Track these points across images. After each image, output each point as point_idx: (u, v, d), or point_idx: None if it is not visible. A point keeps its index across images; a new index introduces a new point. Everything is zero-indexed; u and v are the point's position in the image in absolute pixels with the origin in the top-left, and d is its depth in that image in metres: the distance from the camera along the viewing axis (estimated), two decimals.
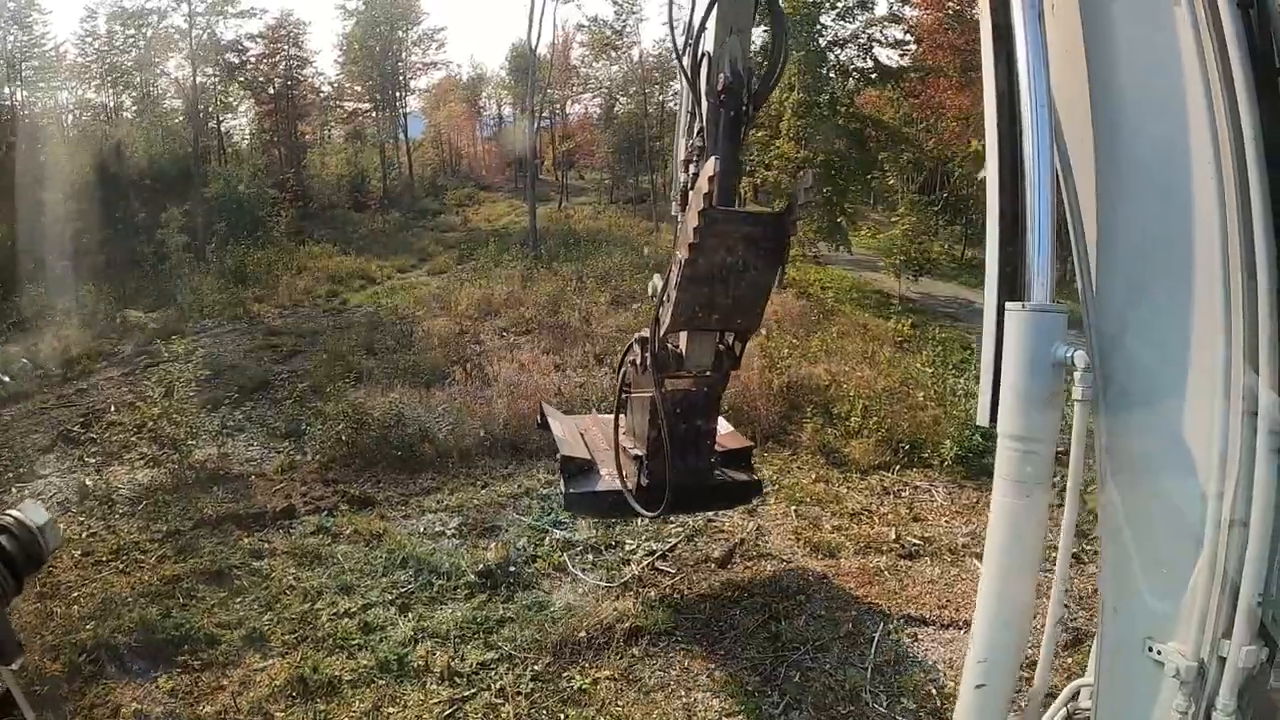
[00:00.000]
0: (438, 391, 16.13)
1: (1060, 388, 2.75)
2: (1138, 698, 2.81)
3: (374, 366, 17.94)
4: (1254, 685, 2.59)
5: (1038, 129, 2.79)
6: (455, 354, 18.73)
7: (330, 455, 13.32)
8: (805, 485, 12.41)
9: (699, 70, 5.88)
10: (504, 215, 43.44)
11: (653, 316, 6.41)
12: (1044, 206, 2.79)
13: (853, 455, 13.43)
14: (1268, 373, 2.51)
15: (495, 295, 24.02)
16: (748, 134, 6.24)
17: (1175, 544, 2.70)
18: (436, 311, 23.33)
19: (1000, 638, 2.93)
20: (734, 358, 6.60)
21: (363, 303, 26.20)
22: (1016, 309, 2.78)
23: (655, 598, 9.35)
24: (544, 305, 22.86)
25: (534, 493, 12.10)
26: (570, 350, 18.62)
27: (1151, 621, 2.75)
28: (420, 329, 21.25)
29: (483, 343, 20.64)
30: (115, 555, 10.66)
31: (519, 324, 21.82)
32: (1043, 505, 2.81)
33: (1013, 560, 2.89)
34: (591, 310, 22.11)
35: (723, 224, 5.42)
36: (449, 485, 12.53)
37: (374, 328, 21.81)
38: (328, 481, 12.70)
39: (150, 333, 22.02)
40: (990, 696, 2.94)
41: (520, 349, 19.46)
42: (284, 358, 20.57)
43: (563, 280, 25.41)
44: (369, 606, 9.23)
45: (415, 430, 13.55)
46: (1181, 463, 2.69)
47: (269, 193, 38.62)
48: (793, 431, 14.40)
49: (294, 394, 16.03)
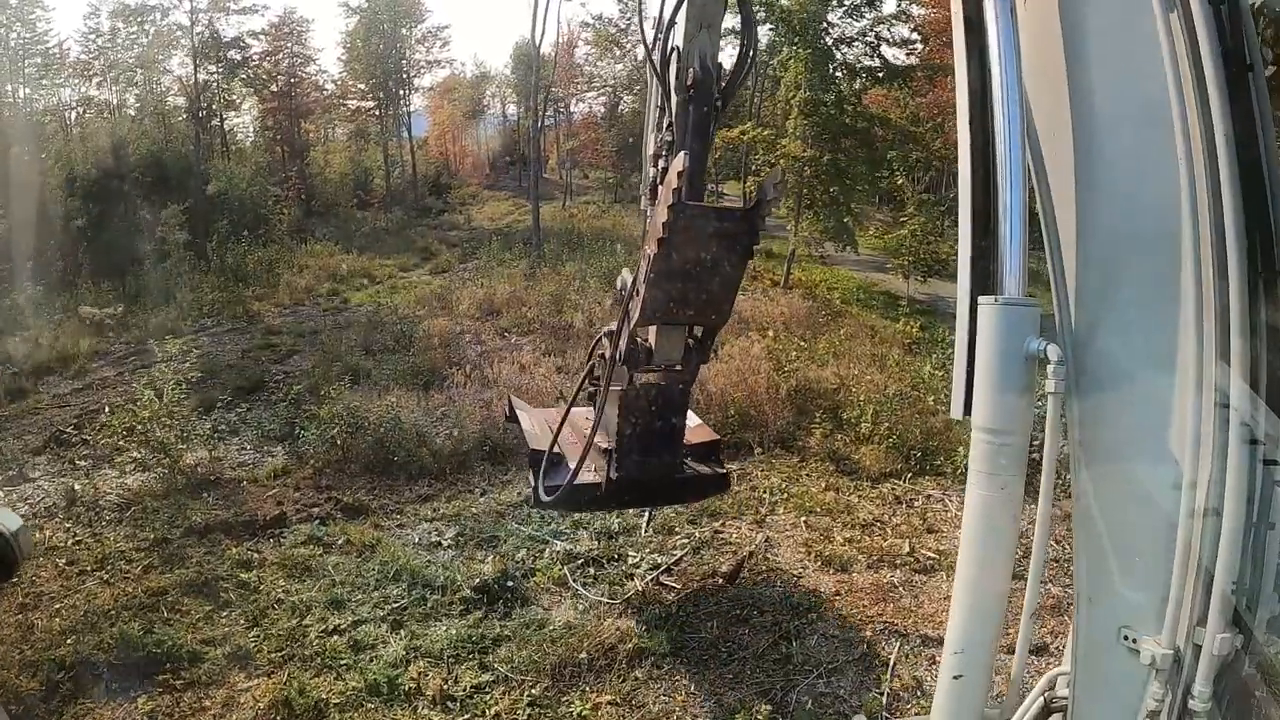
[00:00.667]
0: (436, 394, 15.62)
1: (1033, 380, 2.77)
2: (1114, 687, 2.83)
3: (372, 367, 17.47)
4: (1229, 673, 2.62)
5: (1009, 123, 2.80)
6: (455, 355, 18.25)
7: (324, 460, 12.83)
8: (815, 494, 11.92)
9: (669, 65, 5.84)
10: (508, 214, 42.94)
11: (622, 311, 6.32)
12: (1016, 200, 2.80)
13: (863, 462, 12.93)
14: (1239, 365, 2.53)
15: (497, 295, 23.50)
16: (716, 129, 6.18)
17: (1149, 534, 2.72)
18: (437, 311, 22.83)
19: (976, 629, 2.95)
20: (703, 351, 6.54)
21: (363, 302, 25.72)
22: (989, 302, 2.80)
23: (659, 615, 8.84)
24: (546, 305, 22.33)
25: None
26: (573, 352, 18.10)
27: (1126, 611, 2.77)
28: (420, 329, 20.72)
29: (484, 343, 20.15)
30: (100, 564, 10.17)
31: (521, 324, 21.33)
32: (1017, 497, 2.82)
33: (987, 552, 2.90)
34: (595, 310, 21.61)
35: (692, 219, 5.36)
36: (446, 492, 12.05)
37: (374, 327, 21.30)
38: (321, 488, 12.21)
39: (148, 331, 21.55)
40: (967, 687, 2.96)
41: (521, 350, 18.98)
42: (282, 357, 20.09)
43: (566, 280, 24.89)
44: (359, 623, 8.75)
45: (412, 435, 13.04)
46: (1154, 453, 2.71)
47: (271, 191, 38.22)
48: (801, 437, 13.90)
49: (289, 395, 15.54)
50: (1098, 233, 2.87)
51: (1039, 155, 3.00)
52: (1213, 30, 2.58)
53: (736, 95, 6.91)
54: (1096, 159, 2.86)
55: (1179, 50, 2.64)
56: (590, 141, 50.28)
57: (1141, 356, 2.77)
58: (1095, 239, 2.87)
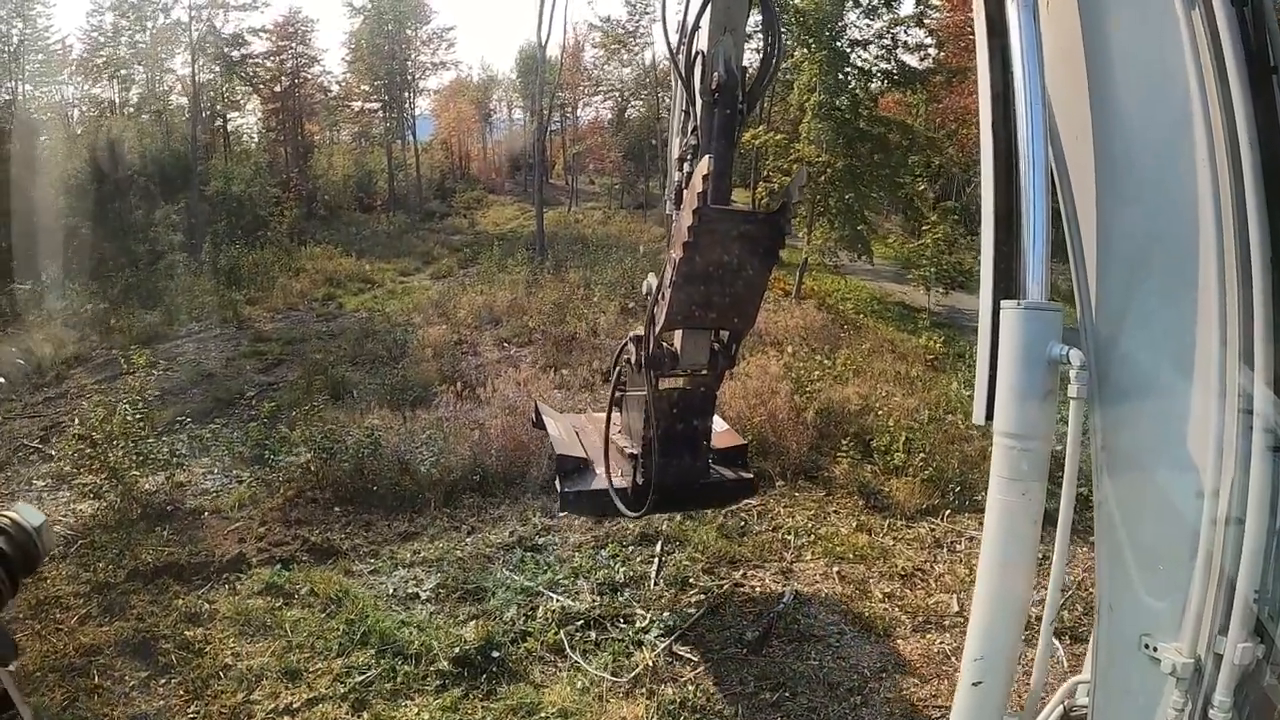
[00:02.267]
0: (425, 413, 14.03)
1: (1056, 385, 2.69)
2: (1134, 695, 2.73)
3: (360, 380, 15.93)
4: (1250, 682, 2.53)
5: (1032, 126, 2.71)
6: (449, 367, 16.64)
7: (296, 489, 11.26)
8: (845, 535, 10.34)
9: (693, 69, 5.70)
10: (512, 219, 41.37)
11: (648, 315, 6.21)
12: (1039, 204, 2.71)
13: (896, 496, 11.34)
14: (1263, 370, 2.45)
15: (498, 302, 21.93)
16: (742, 133, 6.21)
17: (1171, 541, 2.63)
18: (434, 319, 21.30)
19: (997, 635, 2.84)
20: (728, 356, 6.43)
21: (359, 308, 24.26)
22: (1012, 307, 2.72)
23: (674, 699, 7.22)
24: (549, 314, 20.72)
25: (528, 541, 10.02)
26: (575, 368, 16.53)
27: (1148, 619, 2.68)
28: (415, 338, 19.17)
29: (480, 354, 18.61)
30: (34, 613, 8.62)
31: (521, 334, 19.76)
32: (1039, 502, 2.72)
33: (1009, 557, 2.80)
34: (599, 321, 20.07)
35: (717, 223, 5.28)
36: (430, 529, 10.44)
37: (366, 336, 19.75)
38: (290, 521, 10.62)
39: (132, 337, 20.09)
40: (987, 694, 2.82)
41: (521, 363, 17.43)
42: (268, 366, 18.60)
43: (570, 287, 23.33)
44: (316, 701, 7.17)
45: (394, 462, 11.45)
46: (1177, 460, 2.61)
47: (272, 192, 36.99)
48: (825, 465, 12.32)
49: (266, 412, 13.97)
50: (1121, 237, 2.78)
51: (1061, 158, 2.89)
52: (1236, 32, 2.48)
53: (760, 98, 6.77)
54: (1120, 162, 2.77)
55: (1202, 52, 2.54)
56: (596, 146, 48.68)
57: (1164, 361, 2.68)
58: (1118, 243, 2.78)
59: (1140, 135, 2.73)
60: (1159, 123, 2.68)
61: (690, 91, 5.78)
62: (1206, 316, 2.53)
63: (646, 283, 6.42)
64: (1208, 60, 2.53)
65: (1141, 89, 2.74)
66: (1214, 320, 2.52)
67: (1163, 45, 2.63)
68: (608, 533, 10.15)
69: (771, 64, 5.83)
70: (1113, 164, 2.77)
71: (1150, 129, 2.71)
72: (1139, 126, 2.73)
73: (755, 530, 10.39)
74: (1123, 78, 2.75)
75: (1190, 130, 2.56)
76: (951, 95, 27.93)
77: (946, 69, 27.69)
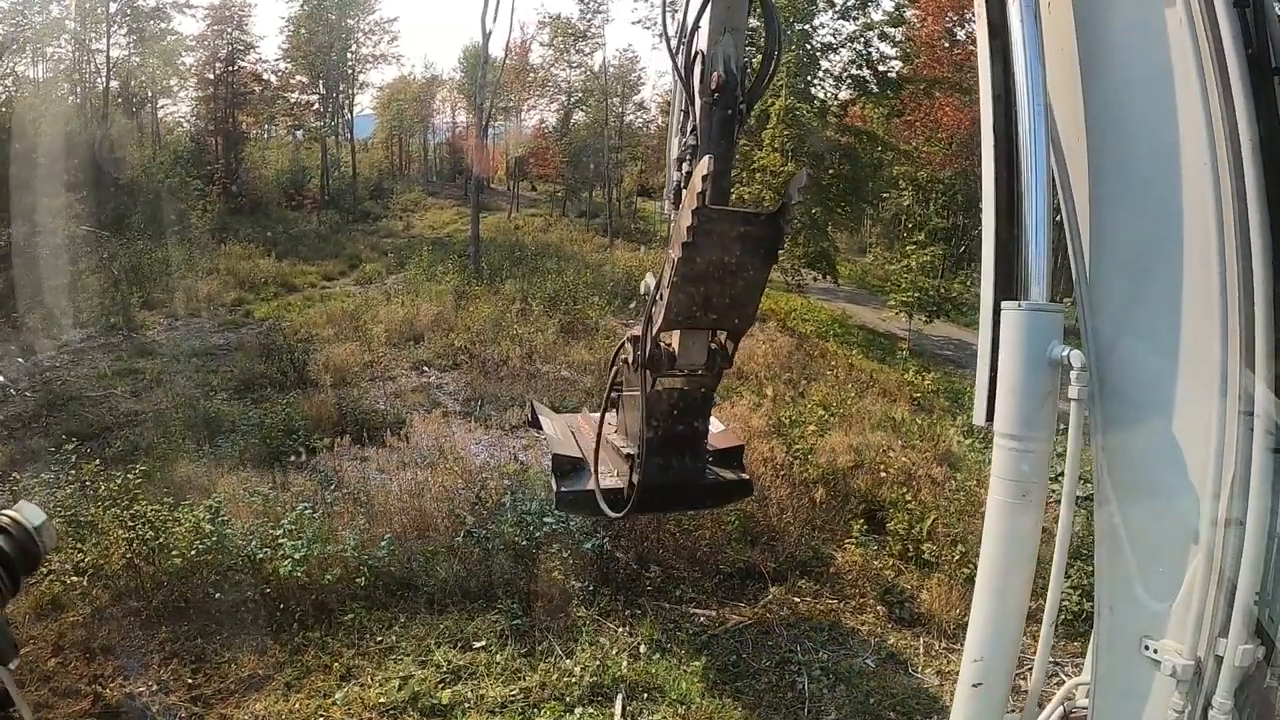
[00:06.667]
0: (302, 476, 10.36)
1: (1056, 387, 2.51)
2: (1134, 697, 2.58)
3: (237, 418, 12.14)
4: (1250, 684, 2.39)
5: (1034, 128, 2.57)
6: (350, 402, 12.94)
7: (112, 595, 7.60)
8: (870, 673, 7.15)
9: (693, 69, 5.24)
10: (450, 223, 37.43)
11: (645, 315, 5.61)
12: (1040, 206, 2.57)
13: (930, 606, 8.21)
14: (1264, 372, 2.31)
15: (421, 316, 18.28)
16: (741, 133, 5.56)
17: (1171, 543, 2.49)
18: (347, 333, 17.54)
19: (996, 636, 2.67)
20: (726, 356, 5.86)
21: (268, 316, 20.38)
22: (1013, 308, 2.57)
23: None
24: (478, 332, 17.16)
25: (425, 700, 6.54)
26: (504, 405, 13.04)
27: (1148, 620, 2.53)
28: (320, 358, 15.39)
29: (394, 380, 14.96)
30: None
31: (445, 355, 16.20)
32: (1039, 503, 2.57)
33: (1009, 559, 2.62)
34: (536, 341, 16.61)
35: (716, 223, 4.80)
36: (285, 671, 6.86)
37: (264, 355, 15.83)
38: (90, 652, 6.96)
39: None
40: (986, 695, 2.66)
41: (442, 393, 13.88)
42: (143, 389, 14.70)
43: (505, 300, 19.85)
44: None
45: (245, 558, 7.76)
46: (1178, 462, 2.47)
47: (193, 184, 32.28)
48: (825, 550, 9.13)
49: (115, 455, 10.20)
50: (1122, 238, 2.63)
51: (1063, 160, 2.74)
52: (1237, 34, 2.34)
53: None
54: (1120, 163, 2.62)
55: (1203, 54, 2.39)
56: (540, 151, 44.90)
57: (1165, 363, 2.51)
58: (1119, 244, 2.64)
59: (1141, 136, 2.56)
60: (1160, 124, 2.50)
61: (690, 91, 5.41)
62: (1207, 317, 2.39)
63: (645, 283, 5.94)
64: (1209, 61, 2.39)
65: (1142, 90, 2.57)
66: (1215, 321, 2.38)
67: (1164, 46, 2.48)
68: (543, 683, 6.78)
69: (771, 64, 5.58)
70: (1114, 165, 2.64)
71: (1151, 130, 2.53)
72: (1140, 128, 2.57)
73: (754, 667, 7.16)
74: (1124, 79, 2.61)
75: (1191, 131, 2.41)
76: (923, 107, 24.78)
77: (920, 79, 24.48)
